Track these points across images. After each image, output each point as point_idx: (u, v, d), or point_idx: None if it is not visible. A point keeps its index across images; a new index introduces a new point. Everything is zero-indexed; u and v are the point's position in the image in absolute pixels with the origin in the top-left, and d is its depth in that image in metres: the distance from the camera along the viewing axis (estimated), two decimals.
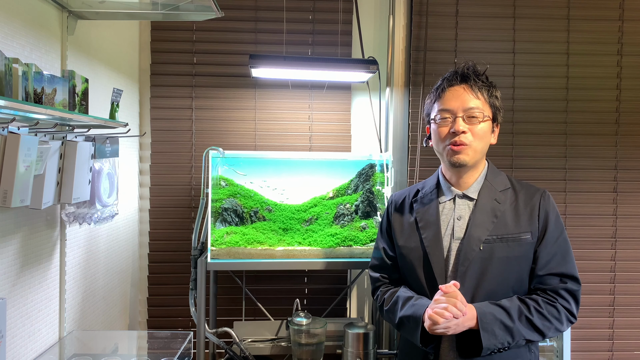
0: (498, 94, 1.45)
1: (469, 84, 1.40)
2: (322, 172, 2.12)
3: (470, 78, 1.41)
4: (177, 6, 1.63)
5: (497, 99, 1.44)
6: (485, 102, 1.41)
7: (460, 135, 1.37)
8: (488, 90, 1.42)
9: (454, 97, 1.40)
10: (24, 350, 1.42)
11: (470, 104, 1.38)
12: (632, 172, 2.41)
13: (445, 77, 1.45)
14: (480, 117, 1.38)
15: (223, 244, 1.92)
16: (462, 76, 1.41)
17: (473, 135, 1.38)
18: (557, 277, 1.35)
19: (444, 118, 1.40)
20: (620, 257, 2.40)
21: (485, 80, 1.43)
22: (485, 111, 1.40)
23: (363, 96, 2.41)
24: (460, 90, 1.40)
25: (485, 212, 1.39)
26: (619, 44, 2.39)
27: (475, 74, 1.42)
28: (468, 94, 1.39)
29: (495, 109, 1.43)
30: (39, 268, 1.49)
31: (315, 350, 1.94)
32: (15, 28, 1.34)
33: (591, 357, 2.40)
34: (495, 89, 1.45)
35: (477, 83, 1.41)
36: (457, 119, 1.38)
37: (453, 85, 1.42)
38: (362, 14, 2.36)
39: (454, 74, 1.43)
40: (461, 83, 1.41)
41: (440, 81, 1.46)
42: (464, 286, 1.34)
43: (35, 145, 1.21)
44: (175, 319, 2.33)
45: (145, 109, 2.33)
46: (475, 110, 1.38)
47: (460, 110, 1.38)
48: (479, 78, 1.42)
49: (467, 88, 1.40)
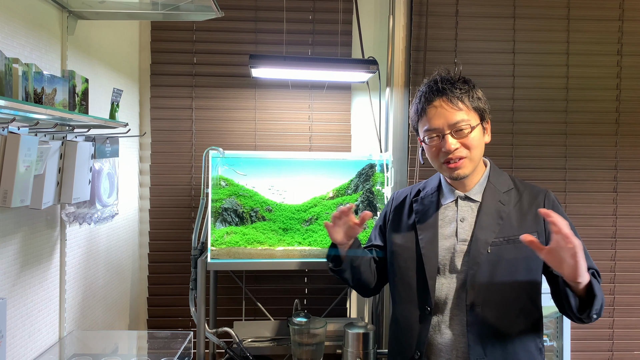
0: (480, 94, 1.40)
1: (447, 97, 1.36)
2: (322, 172, 2.12)
3: (446, 91, 1.36)
4: (177, 6, 1.63)
5: (480, 99, 1.39)
6: (469, 109, 1.37)
7: (454, 152, 1.35)
8: (468, 95, 1.37)
9: (436, 115, 1.36)
10: (24, 350, 1.42)
11: (455, 117, 1.35)
12: (632, 172, 2.41)
13: (422, 93, 1.40)
14: (467, 129, 1.35)
15: (223, 244, 1.92)
16: (437, 90, 1.37)
17: (466, 147, 1.36)
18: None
19: (432, 137, 1.38)
20: (620, 257, 2.40)
21: (463, 84, 1.38)
22: (471, 120, 1.36)
23: (363, 96, 2.41)
24: (440, 107, 1.36)
25: (490, 214, 1.39)
26: (619, 44, 2.39)
27: (450, 83, 1.37)
28: (449, 109, 1.35)
29: (481, 111, 1.39)
30: (39, 268, 1.49)
31: (315, 350, 1.94)
32: (15, 28, 1.34)
33: (591, 357, 2.40)
34: (475, 90, 1.39)
35: (455, 93, 1.36)
36: (446, 136, 1.35)
37: (431, 102, 1.37)
38: (362, 14, 2.36)
39: (429, 89, 1.39)
40: (439, 97, 1.37)
41: (418, 99, 1.42)
42: (474, 289, 1.34)
43: (35, 145, 1.21)
44: (175, 319, 2.33)
45: (145, 109, 2.33)
46: (461, 123, 1.35)
47: (446, 128, 1.35)
48: (456, 86, 1.37)
49: (446, 102, 1.36)
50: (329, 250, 1.54)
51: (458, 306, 1.37)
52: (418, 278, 1.42)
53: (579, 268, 1.15)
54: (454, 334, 1.37)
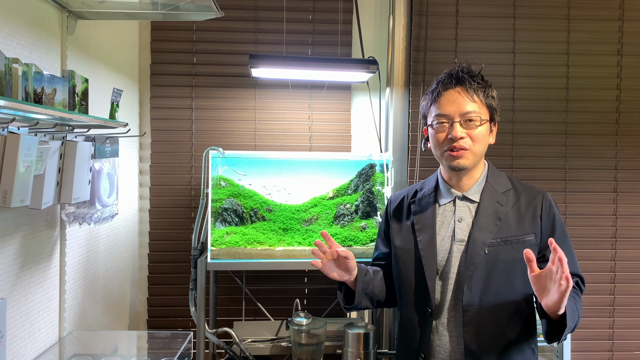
0: (494, 94, 1.42)
1: (464, 87, 1.37)
2: (322, 172, 2.12)
3: (465, 80, 1.37)
4: (177, 6, 1.63)
5: (494, 98, 1.41)
6: (482, 104, 1.38)
7: (459, 141, 1.35)
8: (484, 91, 1.39)
9: (450, 102, 1.37)
10: (24, 350, 1.42)
11: (467, 107, 1.36)
12: (632, 172, 2.41)
13: (440, 79, 1.42)
14: (477, 121, 1.36)
15: (223, 244, 1.92)
16: (456, 79, 1.38)
17: (471, 139, 1.36)
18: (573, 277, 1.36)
19: (441, 123, 1.38)
20: (620, 257, 2.40)
21: (481, 80, 1.40)
22: (482, 114, 1.37)
23: (363, 96, 2.41)
24: (455, 94, 1.37)
25: (488, 215, 1.39)
26: (619, 44, 2.39)
27: (470, 75, 1.39)
28: (464, 98, 1.36)
29: (492, 110, 1.41)
30: (39, 268, 1.49)
31: (315, 350, 1.94)
32: (15, 28, 1.34)
33: (591, 357, 2.40)
34: (491, 89, 1.41)
35: (473, 85, 1.37)
36: (455, 124, 1.36)
37: (448, 88, 1.38)
38: (362, 14, 2.36)
39: (449, 76, 1.40)
40: (456, 86, 1.38)
41: (435, 84, 1.43)
42: (470, 290, 1.34)
43: (35, 145, 1.21)
44: (175, 319, 2.33)
45: (145, 109, 2.33)
46: (472, 114, 1.36)
47: (457, 115, 1.36)
48: (474, 79, 1.39)
49: (463, 91, 1.37)
50: (338, 286, 1.51)
51: (455, 307, 1.37)
52: (418, 279, 1.42)
53: (561, 306, 1.14)
54: (450, 334, 1.37)
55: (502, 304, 1.35)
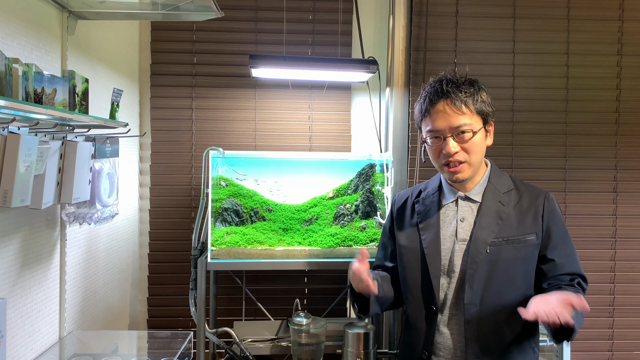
0: (484, 96, 1.38)
1: (450, 99, 1.34)
2: (322, 172, 2.12)
3: (450, 93, 1.34)
4: (177, 6, 1.63)
5: (484, 102, 1.37)
6: (472, 113, 1.35)
7: (454, 156, 1.35)
8: (473, 98, 1.35)
9: (440, 118, 1.35)
10: (24, 350, 1.42)
11: (457, 122, 1.33)
12: (632, 172, 2.40)
13: (427, 93, 1.39)
14: (469, 133, 1.34)
15: (223, 244, 1.92)
16: (442, 92, 1.35)
17: (466, 151, 1.35)
18: (572, 276, 1.39)
19: (434, 138, 1.37)
20: (620, 257, 2.40)
21: (468, 87, 1.36)
22: (473, 124, 1.35)
23: (363, 96, 2.41)
24: (444, 109, 1.34)
25: (490, 214, 1.39)
26: (619, 44, 2.39)
27: (455, 85, 1.35)
28: (453, 111, 1.34)
29: (485, 115, 1.37)
30: (39, 268, 1.49)
31: (315, 350, 1.94)
32: (15, 28, 1.34)
33: (591, 357, 2.40)
34: (480, 93, 1.37)
35: (459, 96, 1.34)
36: (447, 139, 1.34)
37: (435, 103, 1.36)
38: (362, 14, 2.36)
39: (434, 91, 1.37)
40: (443, 99, 1.35)
41: (422, 99, 1.40)
42: (472, 288, 1.35)
43: (36, 145, 1.21)
44: (175, 319, 2.33)
45: (145, 109, 2.33)
46: (463, 127, 1.34)
47: (447, 131, 1.34)
48: (461, 89, 1.35)
49: (450, 104, 1.34)
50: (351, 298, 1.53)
51: (457, 305, 1.37)
52: (423, 278, 1.42)
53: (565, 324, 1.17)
54: (452, 333, 1.38)
55: (503, 303, 1.36)
